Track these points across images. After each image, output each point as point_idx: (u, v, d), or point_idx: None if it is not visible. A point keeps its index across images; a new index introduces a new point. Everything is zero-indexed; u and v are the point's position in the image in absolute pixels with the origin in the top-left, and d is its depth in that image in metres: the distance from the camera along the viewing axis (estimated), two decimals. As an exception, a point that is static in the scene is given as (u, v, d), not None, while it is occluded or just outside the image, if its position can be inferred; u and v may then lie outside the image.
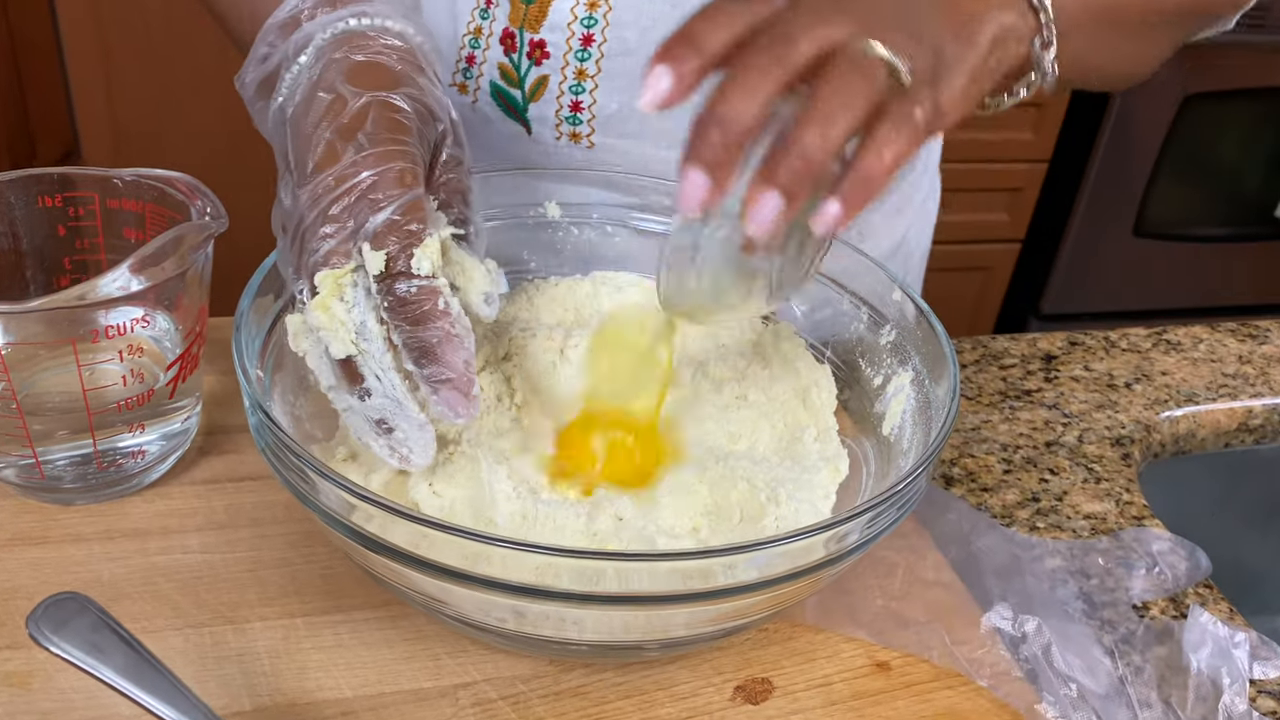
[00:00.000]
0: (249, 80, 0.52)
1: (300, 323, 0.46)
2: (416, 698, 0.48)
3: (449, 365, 0.44)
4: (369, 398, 0.45)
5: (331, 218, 0.44)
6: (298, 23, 0.50)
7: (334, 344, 0.44)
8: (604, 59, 0.69)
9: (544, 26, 0.69)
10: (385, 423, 0.46)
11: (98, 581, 0.52)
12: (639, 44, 0.69)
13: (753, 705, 0.49)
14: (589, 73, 0.70)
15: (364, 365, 0.45)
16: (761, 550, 0.41)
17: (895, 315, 0.60)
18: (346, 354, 0.44)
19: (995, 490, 0.67)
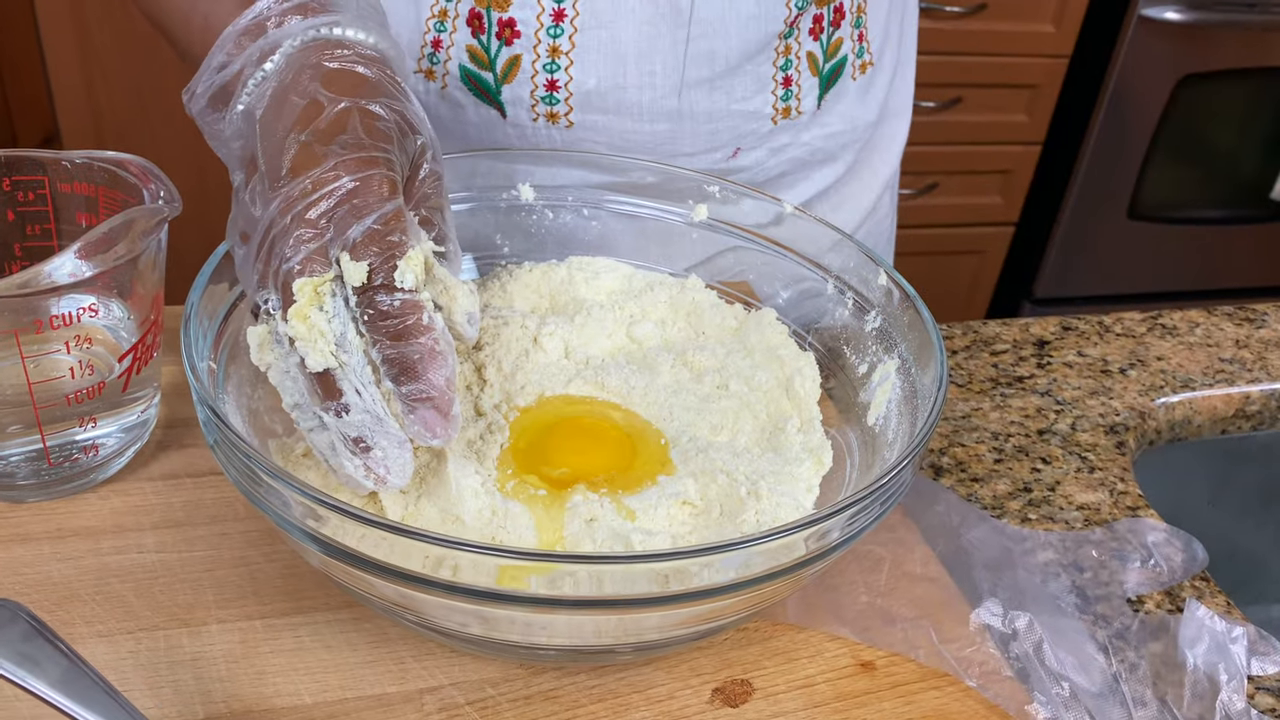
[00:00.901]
0: (199, 92, 0.49)
1: (265, 334, 0.43)
2: (380, 704, 0.46)
3: (430, 383, 0.42)
4: (346, 414, 0.42)
5: (308, 222, 0.41)
6: (262, 29, 0.47)
7: (312, 355, 0.41)
8: (578, 33, 0.67)
9: (513, 4, 0.66)
10: (363, 441, 0.43)
11: (47, 582, 0.50)
12: (613, 15, 0.66)
13: (732, 708, 0.47)
14: (563, 49, 0.67)
15: (343, 379, 0.42)
16: (739, 550, 0.39)
17: (880, 300, 0.58)
18: (325, 366, 0.41)
19: (986, 480, 0.65)
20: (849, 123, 0.78)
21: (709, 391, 0.58)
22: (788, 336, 0.61)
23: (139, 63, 1.61)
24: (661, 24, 0.67)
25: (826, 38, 0.73)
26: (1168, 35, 1.77)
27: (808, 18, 0.71)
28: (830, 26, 0.73)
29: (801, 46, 0.72)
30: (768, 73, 0.71)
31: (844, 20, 0.73)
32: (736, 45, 0.69)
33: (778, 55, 0.71)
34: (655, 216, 0.65)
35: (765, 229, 0.63)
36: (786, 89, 0.72)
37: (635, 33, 0.67)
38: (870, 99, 0.80)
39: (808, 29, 0.71)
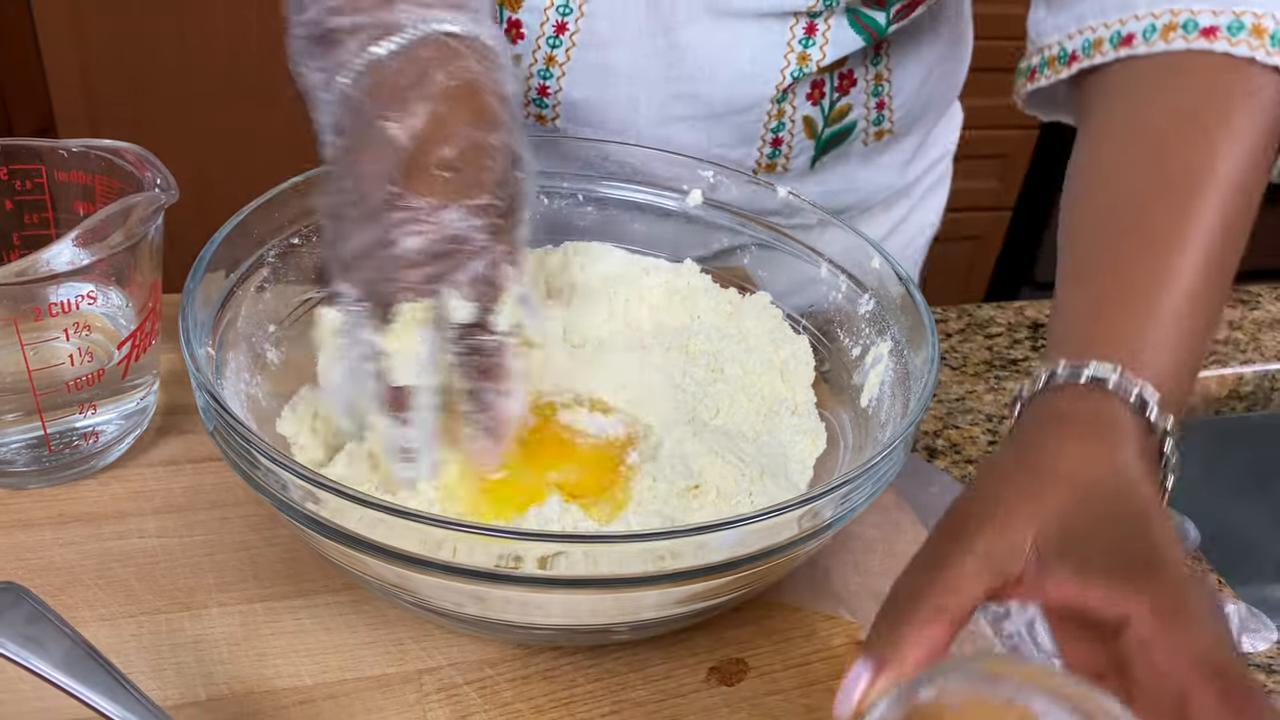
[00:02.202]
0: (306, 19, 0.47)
1: (339, 323, 0.46)
2: (379, 684, 0.47)
3: (500, 420, 0.47)
4: (402, 426, 0.46)
5: (421, 252, 0.44)
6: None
7: (399, 371, 0.45)
8: (575, 49, 0.68)
9: (523, 7, 0.67)
10: (407, 451, 0.47)
11: (50, 568, 0.50)
12: (610, 38, 0.67)
13: (728, 687, 0.48)
14: (558, 60, 0.69)
15: (416, 398, 0.46)
16: (733, 529, 0.40)
17: (874, 284, 0.58)
18: (407, 384, 0.45)
19: (979, 462, 0.66)
20: (851, 183, 0.77)
21: (704, 375, 0.59)
22: (781, 320, 0.62)
23: (135, 50, 1.60)
24: (655, 57, 0.68)
25: (829, 103, 0.71)
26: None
27: (805, 84, 0.70)
28: (834, 92, 0.71)
29: (797, 111, 0.70)
30: (756, 131, 0.71)
31: (854, 87, 0.71)
32: (723, 95, 0.69)
33: (769, 118, 0.70)
34: (650, 201, 0.65)
35: (759, 213, 0.64)
36: (775, 148, 0.72)
37: (628, 59, 0.68)
38: (884, 164, 0.78)
39: (805, 94, 0.70)
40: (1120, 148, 0.50)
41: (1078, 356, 0.42)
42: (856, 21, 0.67)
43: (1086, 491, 0.37)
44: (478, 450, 0.47)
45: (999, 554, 0.36)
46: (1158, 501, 0.38)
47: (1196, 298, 0.44)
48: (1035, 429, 0.42)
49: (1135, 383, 0.41)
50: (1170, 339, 0.43)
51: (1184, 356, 0.43)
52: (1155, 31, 0.52)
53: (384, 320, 0.45)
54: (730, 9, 0.66)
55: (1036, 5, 0.59)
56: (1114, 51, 0.53)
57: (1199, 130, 0.48)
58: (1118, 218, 0.48)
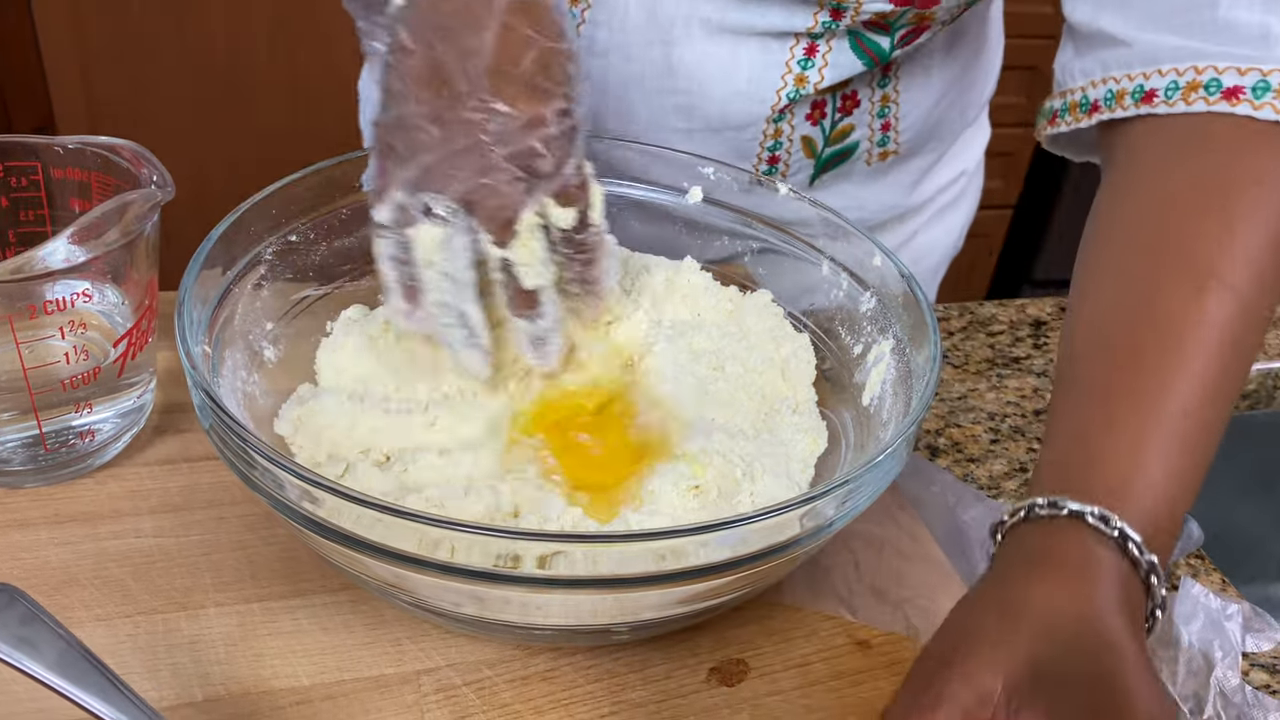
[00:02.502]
0: None
1: (443, 236, 0.48)
2: (377, 685, 0.46)
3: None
4: (538, 320, 0.51)
5: (519, 162, 0.47)
6: None
7: (530, 276, 0.49)
8: None
9: None
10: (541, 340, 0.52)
11: (45, 567, 0.50)
12: (609, 46, 0.67)
13: (728, 687, 0.48)
14: None
15: (544, 294, 0.50)
16: (734, 528, 0.39)
17: (876, 281, 0.58)
18: (540, 284, 0.49)
19: (982, 461, 0.65)
20: (853, 200, 0.76)
21: (705, 373, 0.58)
22: (783, 318, 0.61)
23: (134, 48, 1.60)
24: (652, 67, 0.68)
25: (830, 123, 0.70)
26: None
27: (805, 105, 0.69)
28: (836, 113, 0.70)
29: (795, 130, 0.70)
30: (752, 148, 0.70)
31: (858, 108, 0.70)
32: (718, 111, 0.68)
33: (765, 136, 0.70)
34: (650, 199, 0.65)
35: (760, 210, 0.63)
36: (772, 165, 0.71)
37: (626, 68, 0.68)
38: (889, 184, 0.77)
39: (804, 115, 0.69)
40: (1136, 224, 0.48)
41: (1060, 490, 0.41)
42: (859, 45, 0.66)
43: (1057, 634, 0.37)
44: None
45: (970, 703, 0.36)
46: (1135, 645, 0.37)
47: (1190, 431, 0.42)
48: (1010, 564, 0.41)
49: (1116, 520, 0.39)
50: (1157, 477, 0.41)
51: (1174, 491, 0.42)
52: (1177, 91, 0.49)
53: (504, 232, 0.48)
54: (729, 26, 0.65)
55: (1065, 45, 0.57)
56: (1135, 108, 0.50)
57: (1217, 213, 0.45)
58: (1118, 329, 0.45)
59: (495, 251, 0.48)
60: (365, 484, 0.48)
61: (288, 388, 0.53)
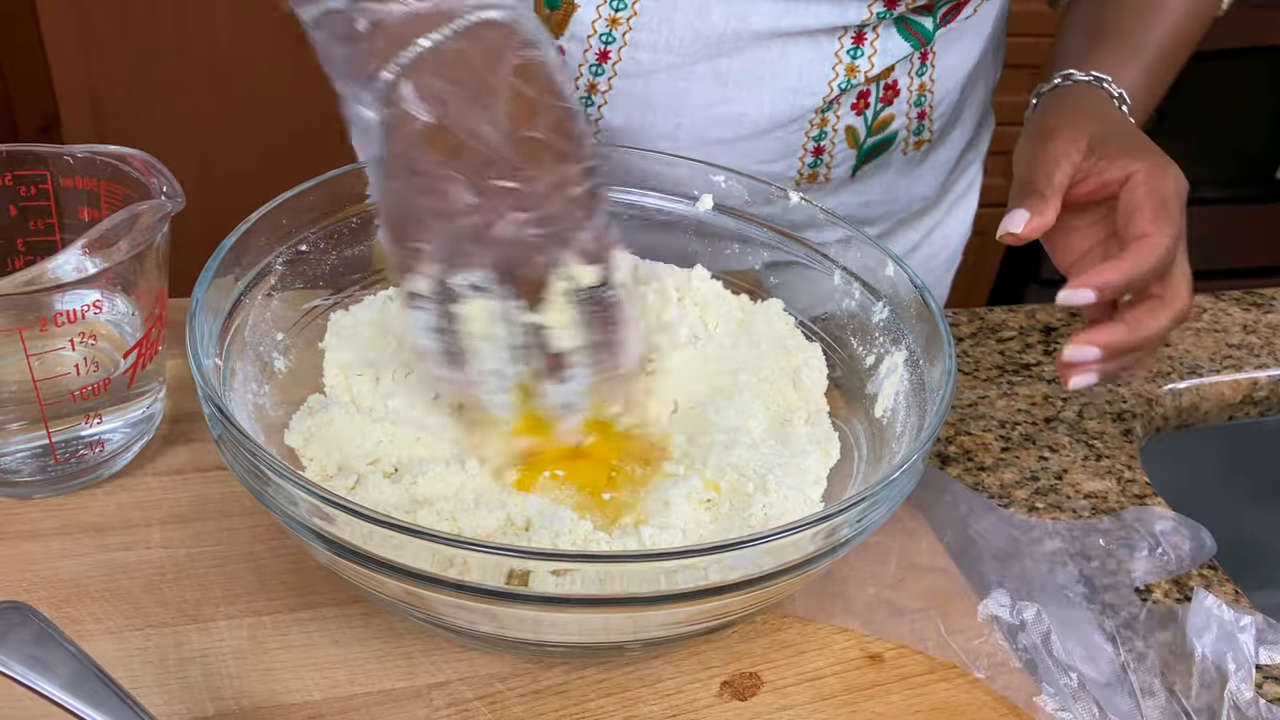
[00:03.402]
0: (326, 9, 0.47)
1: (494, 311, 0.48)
2: (389, 699, 0.46)
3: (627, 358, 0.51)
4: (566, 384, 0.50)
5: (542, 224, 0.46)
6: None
7: (562, 338, 0.48)
8: (616, 77, 0.68)
9: (565, 35, 0.67)
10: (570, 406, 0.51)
11: (55, 579, 0.50)
12: (652, 66, 0.67)
13: (740, 701, 0.47)
14: (600, 88, 0.69)
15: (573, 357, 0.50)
16: (748, 548, 0.39)
17: (888, 291, 0.57)
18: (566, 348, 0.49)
19: (993, 469, 0.65)
20: (888, 194, 0.77)
21: (716, 383, 0.58)
22: (794, 327, 0.61)
23: (139, 49, 1.60)
24: (698, 82, 0.67)
25: (873, 113, 0.71)
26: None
27: (851, 94, 0.69)
28: (879, 103, 0.71)
29: (840, 120, 0.70)
30: (798, 140, 0.70)
31: (898, 98, 0.71)
32: (768, 113, 0.68)
33: (812, 126, 0.70)
34: (660, 206, 0.64)
35: (772, 219, 0.63)
36: (816, 157, 0.72)
37: (670, 86, 0.68)
38: (922, 174, 0.78)
39: (850, 104, 0.70)
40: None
41: (1082, 69, 0.62)
42: (905, 29, 0.67)
43: (1107, 117, 0.60)
44: (613, 391, 0.52)
45: (1071, 146, 0.57)
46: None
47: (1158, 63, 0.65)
48: (1059, 101, 0.62)
49: (1115, 87, 0.62)
50: (1133, 82, 0.63)
51: (1142, 97, 0.63)
52: None
53: (536, 295, 0.48)
54: (780, 29, 0.65)
55: None
56: None
57: None
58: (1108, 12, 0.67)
59: (527, 316, 0.48)
60: (376, 497, 0.47)
61: (298, 398, 0.53)
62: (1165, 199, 0.55)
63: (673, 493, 0.48)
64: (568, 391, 0.50)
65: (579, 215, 0.47)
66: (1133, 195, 0.55)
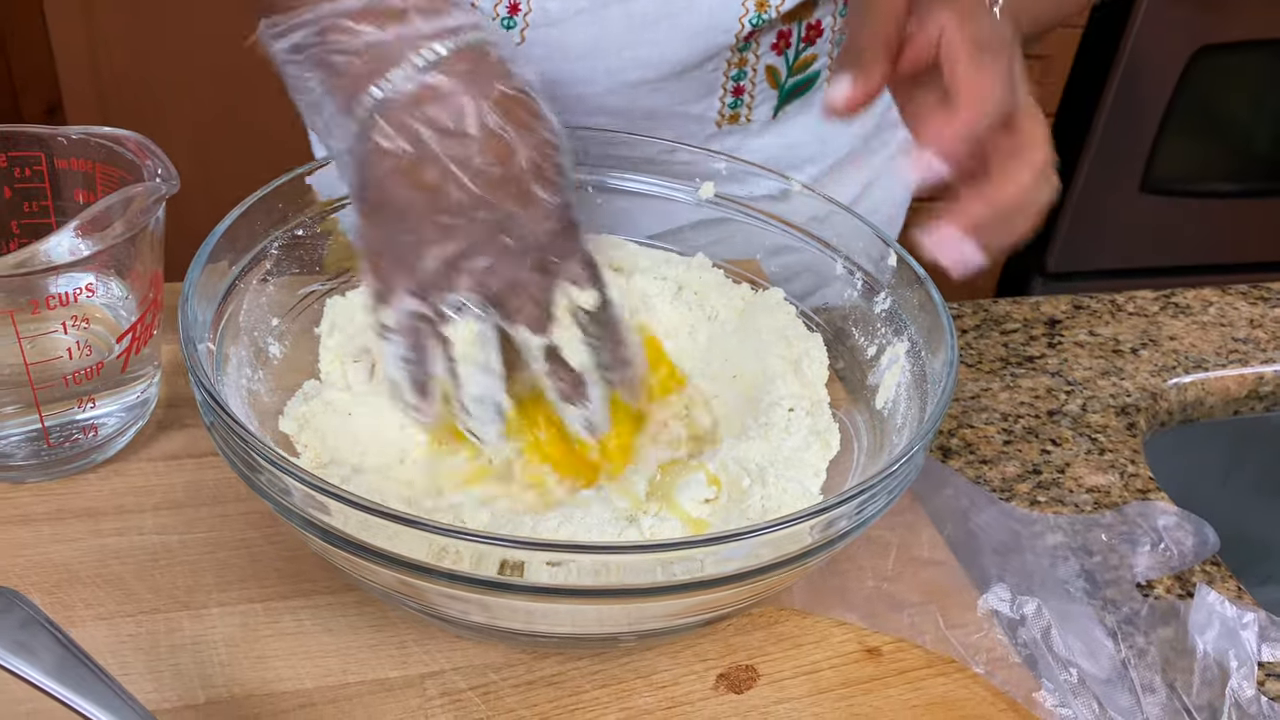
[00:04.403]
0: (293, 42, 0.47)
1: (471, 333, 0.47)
2: (382, 688, 0.46)
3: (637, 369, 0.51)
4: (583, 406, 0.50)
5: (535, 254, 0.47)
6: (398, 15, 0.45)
7: (576, 355, 0.49)
8: (529, 29, 0.67)
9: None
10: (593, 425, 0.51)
11: (47, 564, 0.50)
12: (561, 14, 0.67)
13: (736, 694, 0.47)
14: (514, 41, 0.68)
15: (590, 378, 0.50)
16: (745, 539, 0.38)
17: (890, 281, 0.57)
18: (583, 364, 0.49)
19: (995, 462, 0.64)
20: (813, 135, 0.77)
21: (716, 373, 0.58)
22: (795, 317, 0.60)
23: (144, 33, 1.59)
24: (611, 25, 0.67)
25: (794, 53, 0.72)
26: (1183, 5, 1.74)
27: (770, 34, 0.70)
28: (801, 43, 0.72)
29: (760, 60, 0.71)
30: (716, 80, 0.71)
31: (821, 38, 0.72)
32: (682, 52, 0.68)
33: (730, 66, 0.70)
34: (661, 193, 0.64)
35: (773, 206, 0.62)
36: (736, 98, 0.72)
37: (583, 34, 0.68)
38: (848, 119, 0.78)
39: (769, 44, 0.70)
40: None
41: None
42: None
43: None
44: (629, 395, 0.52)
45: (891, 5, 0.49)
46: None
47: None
48: None
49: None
50: None
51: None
52: None
53: (542, 322, 0.48)
54: None
55: None
56: None
57: None
58: None
59: (536, 340, 0.48)
60: (369, 485, 0.47)
61: (293, 384, 0.52)
62: (980, 40, 0.49)
63: (680, 495, 0.48)
64: (590, 413, 0.50)
65: (563, 245, 0.47)
66: (949, 47, 0.49)
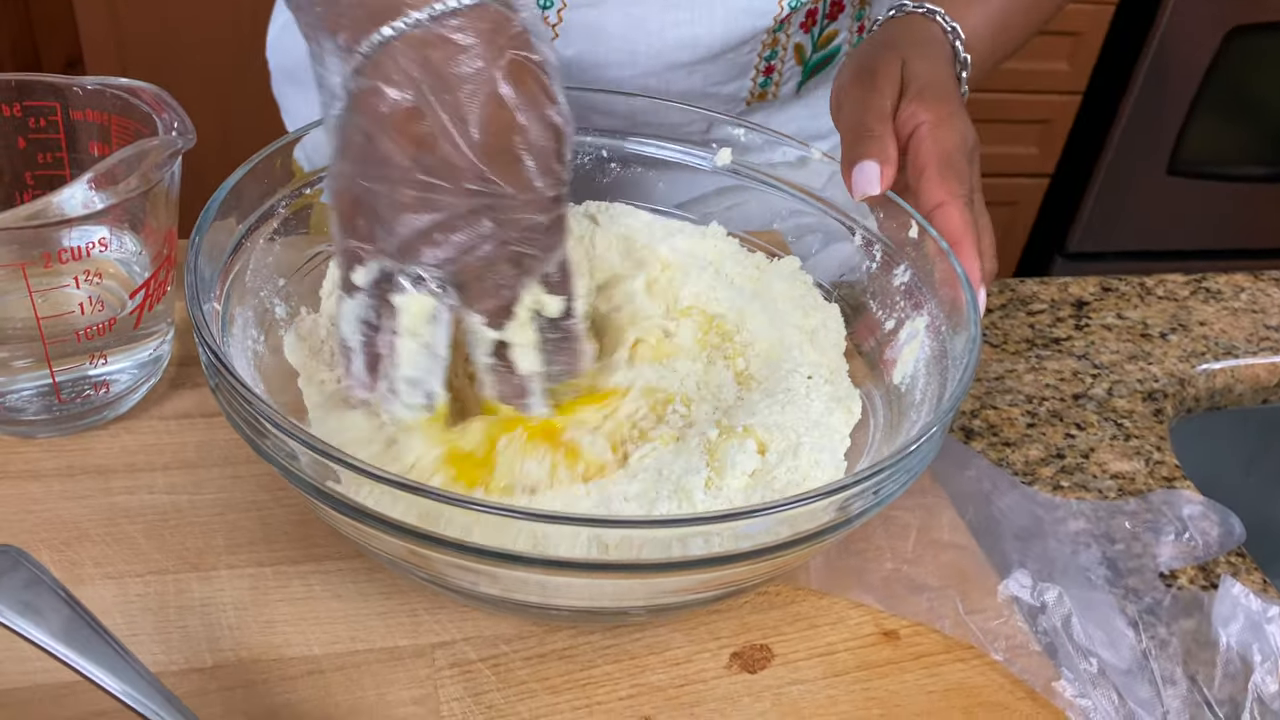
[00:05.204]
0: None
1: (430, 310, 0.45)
2: (390, 657, 0.45)
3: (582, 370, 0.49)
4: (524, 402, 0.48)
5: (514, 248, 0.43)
6: None
7: (526, 360, 0.46)
8: (566, 9, 0.67)
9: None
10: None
11: (57, 520, 0.49)
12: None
13: (750, 674, 0.46)
14: (549, 21, 0.67)
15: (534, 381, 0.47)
16: (762, 516, 0.37)
17: (911, 253, 0.55)
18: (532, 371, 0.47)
19: (1018, 445, 0.63)
20: None
21: (731, 344, 0.56)
22: (811, 287, 0.59)
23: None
24: (649, 8, 0.66)
25: (819, 30, 0.72)
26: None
27: (801, 13, 0.70)
28: (825, 19, 0.72)
29: (790, 39, 0.71)
30: (750, 61, 0.71)
31: (842, 13, 0.72)
32: (720, 34, 0.68)
33: (764, 47, 0.70)
34: (676, 160, 0.62)
35: (791, 175, 0.61)
36: (767, 76, 0.72)
37: (622, 15, 0.67)
38: None
39: (799, 23, 0.70)
40: None
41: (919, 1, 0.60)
42: None
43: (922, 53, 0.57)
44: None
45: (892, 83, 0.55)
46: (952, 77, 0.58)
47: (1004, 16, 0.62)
48: (885, 31, 0.60)
49: (952, 21, 0.59)
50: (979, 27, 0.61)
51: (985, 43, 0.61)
52: None
53: (502, 315, 0.45)
54: None
55: None
56: None
57: None
58: None
59: (489, 333, 0.45)
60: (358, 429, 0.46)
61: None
62: (950, 157, 0.52)
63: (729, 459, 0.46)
64: (529, 410, 0.48)
65: (545, 242, 0.44)
66: (919, 153, 0.53)
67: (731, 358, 0.56)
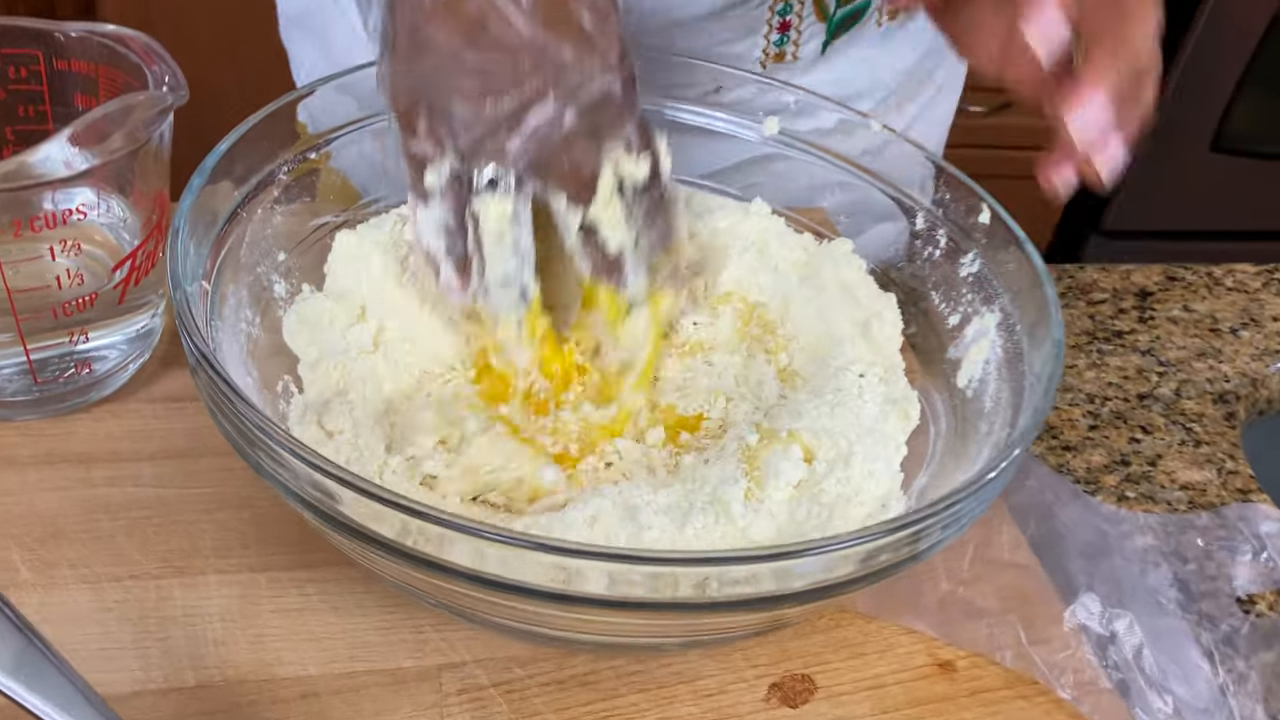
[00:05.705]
0: None
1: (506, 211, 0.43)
2: (393, 679, 0.41)
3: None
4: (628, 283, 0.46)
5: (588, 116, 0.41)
6: None
7: (614, 239, 0.44)
8: None
9: None
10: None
11: (32, 513, 0.45)
12: None
13: (791, 709, 0.42)
14: None
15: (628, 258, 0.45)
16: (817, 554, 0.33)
17: (982, 240, 0.50)
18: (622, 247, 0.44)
19: (1079, 450, 0.58)
20: (866, 68, 0.70)
21: (775, 337, 0.51)
22: (864, 273, 0.54)
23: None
24: None
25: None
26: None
27: None
28: None
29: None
30: (760, 17, 0.64)
31: None
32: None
33: (776, 0, 0.64)
34: (719, 129, 0.57)
35: (845, 148, 0.55)
36: (783, 34, 0.66)
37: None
38: (897, 47, 0.71)
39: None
40: None
41: None
42: None
43: None
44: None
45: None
46: None
47: None
48: None
49: None
50: None
51: None
52: None
53: (586, 191, 0.43)
54: None
55: None
56: None
57: None
58: None
59: (574, 216, 0.43)
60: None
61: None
62: None
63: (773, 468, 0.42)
64: (628, 296, 0.46)
65: (619, 105, 0.42)
66: None
67: (774, 352, 0.51)
